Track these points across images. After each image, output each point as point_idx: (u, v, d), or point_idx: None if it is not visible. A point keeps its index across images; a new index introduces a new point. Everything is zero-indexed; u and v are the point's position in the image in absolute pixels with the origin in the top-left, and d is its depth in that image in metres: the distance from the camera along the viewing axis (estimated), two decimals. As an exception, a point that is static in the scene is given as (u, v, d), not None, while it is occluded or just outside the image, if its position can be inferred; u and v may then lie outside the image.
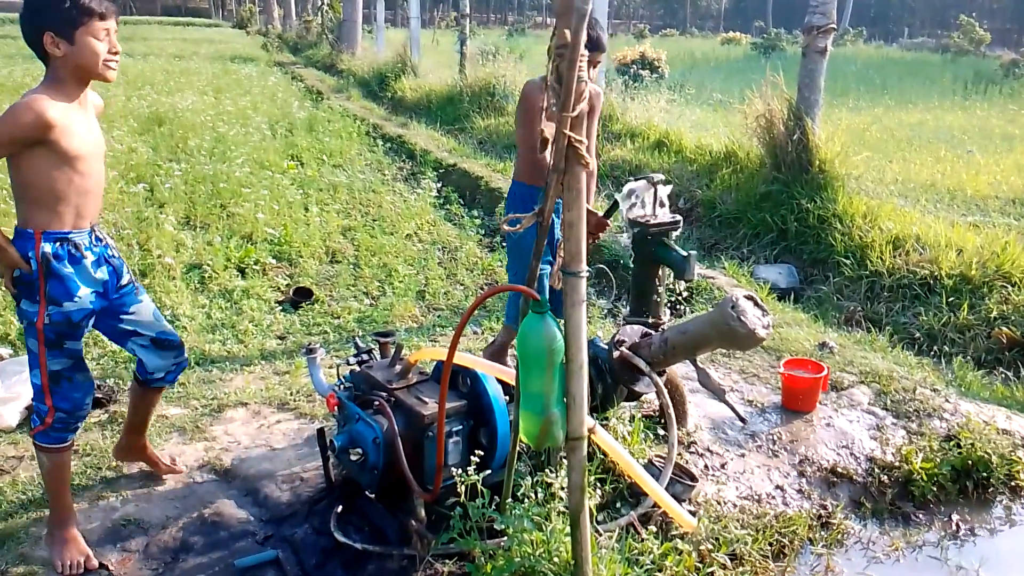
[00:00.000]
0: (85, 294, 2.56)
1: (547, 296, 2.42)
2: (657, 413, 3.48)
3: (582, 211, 1.85)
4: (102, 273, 2.64)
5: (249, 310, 4.99)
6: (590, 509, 2.26)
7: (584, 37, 1.70)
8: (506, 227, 1.86)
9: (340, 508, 2.87)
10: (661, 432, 3.33)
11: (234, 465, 3.31)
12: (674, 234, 3.24)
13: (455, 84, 12.04)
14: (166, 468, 3.20)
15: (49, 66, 2.45)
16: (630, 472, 2.38)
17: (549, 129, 1.80)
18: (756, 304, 2.62)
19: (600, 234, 3.61)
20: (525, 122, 3.48)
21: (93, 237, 2.60)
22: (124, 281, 2.76)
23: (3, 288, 4.86)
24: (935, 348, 4.73)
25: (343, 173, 8.12)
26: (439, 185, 7.85)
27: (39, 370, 2.59)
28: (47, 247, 2.46)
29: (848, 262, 5.53)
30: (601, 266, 3.66)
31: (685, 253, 3.09)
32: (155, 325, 2.85)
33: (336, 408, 2.87)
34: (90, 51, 2.41)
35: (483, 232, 6.82)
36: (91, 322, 2.66)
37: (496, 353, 4.03)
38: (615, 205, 3.30)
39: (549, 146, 1.82)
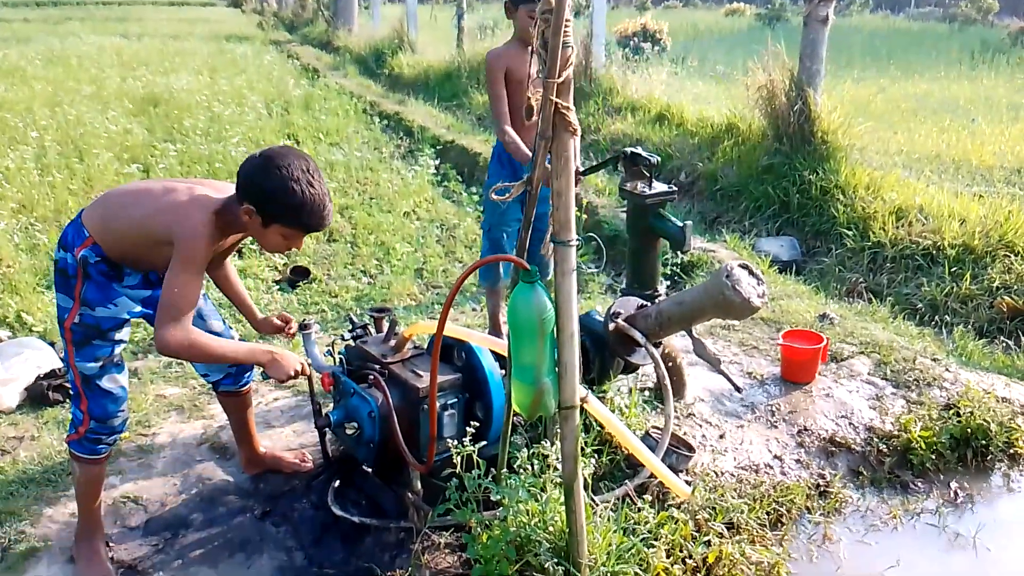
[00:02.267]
0: (123, 304, 2.51)
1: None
2: (655, 386, 3.48)
3: (571, 179, 1.83)
4: (142, 291, 2.57)
5: (247, 289, 4.97)
6: (585, 479, 2.26)
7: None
8: (494, 196, 1.84)
9: (337, 483, 2.88)
10: (659, 405, 3.32)
11: (231, 442, 3.31)
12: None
13: (453, 60, 11.94)
14: (291, 465, 3.10)
15: (233, 202, 2.34)
16: (623, 441, 2.37)
17: (536, 96, 1.77)
18: (751, 273, 2.60)
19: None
20: (488, 90, 3.73)
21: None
22: None
23: (4, 269, 4.88)
24: (937, 318, 4.70)
25: (340, 151, 8.08)
26: (437, 162, 7.80)
27: (71, 371, 2.53)
28: (89, 254, 2.39)
29: (850, 234, 5.49)
30: (591, 235, 3.63)
31: (681, 223, 3.06)
32: (204, 325, 2.72)
33: (331, 386, 2.86)
34: (275, 242, 2.39)
35: (481, 209, 6.78)
36: (126, 330, 2.59)
37: (494, 320, 4.06)
38: (598, 167, 3.27)
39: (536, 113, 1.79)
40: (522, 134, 3.60)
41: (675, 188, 3.21)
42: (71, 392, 2.60)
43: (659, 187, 3.13)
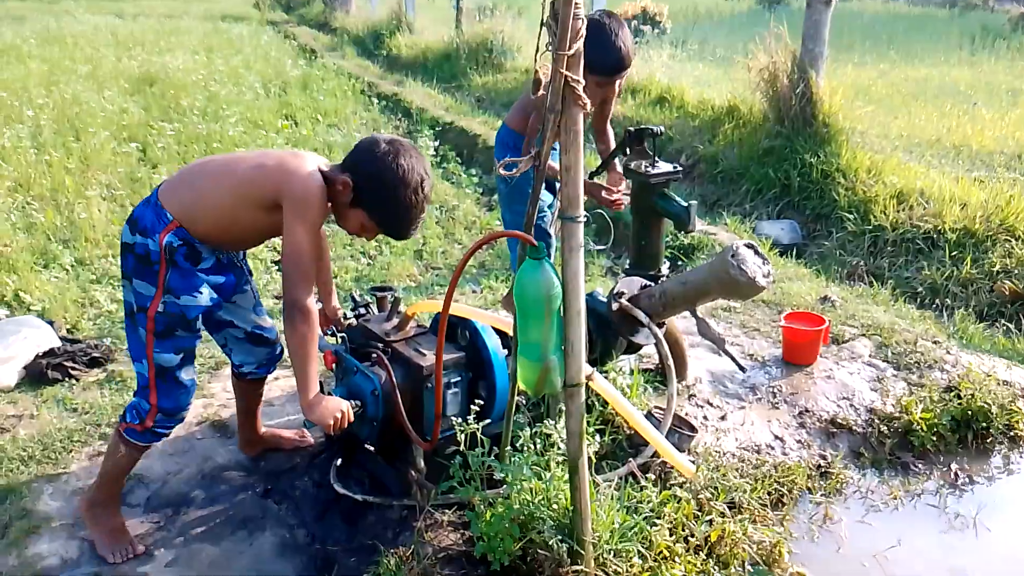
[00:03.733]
0: (206, 292, 2.42)
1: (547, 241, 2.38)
2: (657, 367, 3.47)
3: (579, 153, 1.81)
4: (217, 277, 2.50)
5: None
6: (589, 457, 2.26)
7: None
8: (502, 171, 1.82)
9: (340, 461, 2.87)
10: (661, 386, 3.32)
11: (233, 421, 3.31)
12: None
13: (451, 40, 11.85)
14: (292, 442, 3.09)
15: (332, 175, 2.30)
16: (628, 419, 2.37)
17: (543, 69, 1.74)
18: (756, 253, 2.58)
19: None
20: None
21: (216, 251, 2.49)
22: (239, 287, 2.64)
23: (1, 248, 4.86)
24: (937, 302, 4.70)
25: (338, 132, 8.03)
26: (436, 143, 7.75)
27: (146, 361, 2.40)
28: (172, 239, 2.30)
29: (851, 217, 5.48)
30: (599, 211, 3.61)
31: (686, 203, 3.04)
32: (252, 319, 2.71)
33: (334, 364, 2.85)
34: (352, 224, 2.40)
35: (481, 191, 6.76)
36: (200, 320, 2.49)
37: (509, 301, 4.03)
38: (606, 163, 3.25)
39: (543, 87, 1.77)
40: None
41: (680, 167, 3.19)
42: (138, 382, 2.46)
43: (664, 166, 3.11)
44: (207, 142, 6.99)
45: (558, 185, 1.93)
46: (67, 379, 3.67)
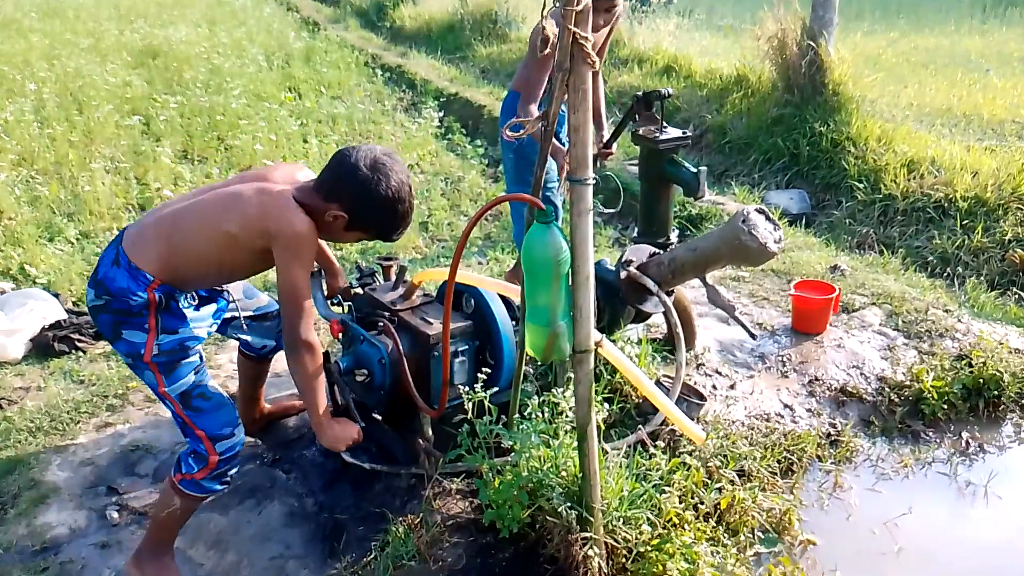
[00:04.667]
0: (203, 325, 2.42)
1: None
2: (665, 336, 3.45)
3: (588, 113, 1.77)
4: (209, 307, 2.51)
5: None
6: (598, 425, 2.24)
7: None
8: (508, 132, 1.78)
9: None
10: (669, 355, 3.30)
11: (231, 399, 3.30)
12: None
13: (456, 11, 11.69)
14: (296, 407, 3.11)
15: (313, 196, 2.23)
16: (637, 385, 2.34)
17: (551, 27, 1.70)
18: (768, 219, 2.55)
19: (604, 161, 3.51)
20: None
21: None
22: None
23: (6, 221, 4.84)
24: (948, 271, 4.66)
25: (342, 104, 7.96)
26: (440, 115, 7.68)
27: (168, 403, 2.29)
28: (159, 295, 2.24)
29: (861, 186, 5.42)
30: (609, 173, 3.57)
31: (695, 169, 3.00)
32: (249, 304, 2.68)
33: (340, 334, 2.83)
34: (348, 240, 2.36)
35: (486, 162, 6.70)
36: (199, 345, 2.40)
37: (515, 274, 4.00)
38: (619, 131, 3.20)
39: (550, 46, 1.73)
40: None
41: (689, 133, 3.14)
42: (180, 428, 2.34)
43: (672, 132, 3.06)
44: (210, 115, 6.93)
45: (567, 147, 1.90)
46: (74, 351, 3.67)
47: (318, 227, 2.23)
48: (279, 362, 3.49)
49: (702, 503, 2.51)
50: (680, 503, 2.42)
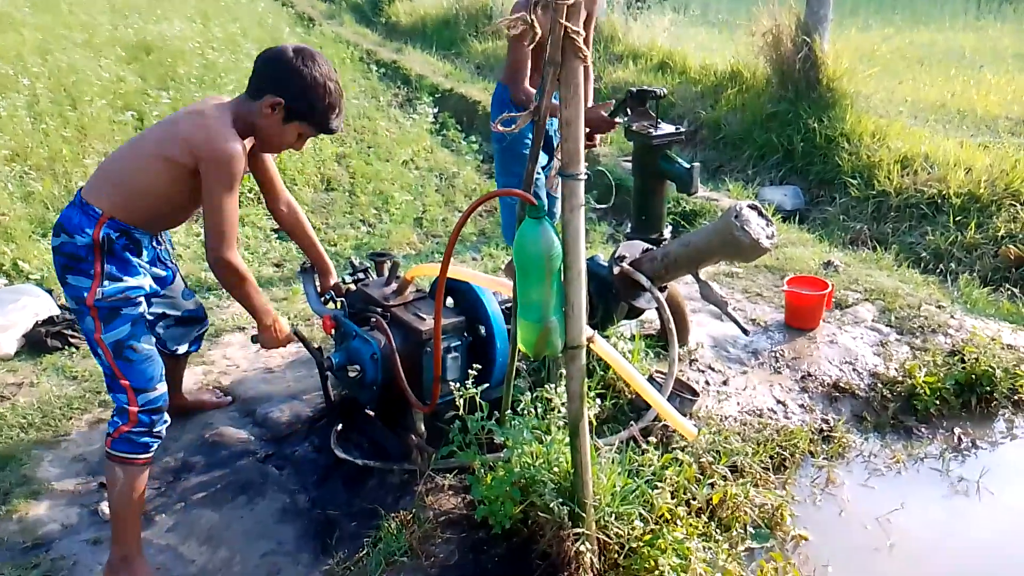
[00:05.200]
0: (147, 279, 2.41)
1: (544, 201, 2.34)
2: (659, 332, 3.45)
3: (580, 108, 1.76)
4: (157, 270, 2.52)
5: (245, 238, 4.92)
6: (590, 420, 2.24)
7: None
8: (499, 127, 1.77)
9: (340, 426, 2.86)
10: (662, 351, 3.30)
11: (233, 387, 3.30)
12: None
13: (451, 7, 11.66)
14: (214, 404, 3.15)
15: (247, 104, 2.31)
16: (630, 381, 2.35)
17: (540, 21, 1.69)
18: (760, 214, 2.55)
19: (606, 133, 3.49)
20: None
21: (153, 240, 2.47)
22: (175, 280, 2.66)
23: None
24: (941, 267, 4.66)
25: (338, 100, 7.92)
26: (435, 111, 7.67)
27: (100, 348, 2.29)
28: (108, 231, 2.27)
29: (855, 182, 5.42)
30: (601, 168, 3.56)
31: (688, 165, 2.99)
32: (183, 304, 2.73)
33: (333, 329, 2.83)
34: (287, 138, 2.38)
35: (481, 158, 6.69)
36: (149, 307, 2.44)
37: (511, 270, 4.01)
38: (622, 104, 3.18)
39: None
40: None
41: (682, 128, 3.14)
42: (107, 382, 2.36)
43: (666, 127, 3.06)
44: (204, 110, 6.91)
45: (556, 142, 1.89)
46: (66, 347, 3.65)
47: (258, 134, 2.35)
48: (272, 357, 3.51)
49: (694, 499, 2.51)
50: (672, 499, 2.42)
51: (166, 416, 2.41)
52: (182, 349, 2.84)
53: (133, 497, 2.34)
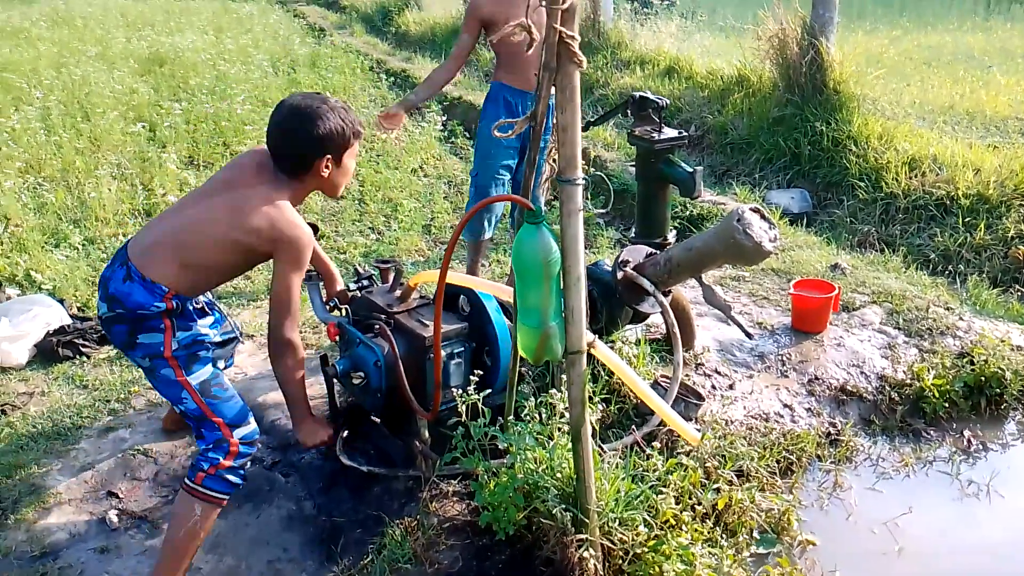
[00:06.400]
0: (209, 327, 2.49)
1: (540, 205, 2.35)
2: (664, 336, 3.44)
3: (576, 113, 1.77)
4: (210, 315, 2.58)
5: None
6: (593, 427, 2.24)
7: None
8: (496, 132, 1.79)
9: (345, 433, 2.87)
10: (668, 355, 3.29)
11: (241, 394, 3.31)
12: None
13: (459, 16, 11.72)
14: None
15: (298, 179, 2.41)
16: (631, 386, 2.35)
17: (537, 24, 1.70)
18: (763, 217, 2.55)
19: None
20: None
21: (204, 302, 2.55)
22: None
23: (12, 228, 4.87)
24: (950, 269, 4.63)
25: (347, 109, 7.98)
26: (444, 119, 7.70)
27: (186, 392, 2.33)
28: (176, 302, 2.34)
29: (863, 184, 5.40)
30: (598, 173, 3.58)
31: (691, 169, 3.00)
32: (220, 330, 2.72)
33: (337, 336, 2.85)
34: (348, 171, 2.51)
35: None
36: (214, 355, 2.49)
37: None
38: (601, 119, 3.20)
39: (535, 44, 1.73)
40: (520, 70, 3.64)
41: (685, 133, 3.14)
42: (195, 424, 2.38)
43: (669, 132, 3.06)
44: (215, 121, 6.97)
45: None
46: (78, 356, 3.69)
47: (324, 188, 2.48)
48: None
49: (700, 504, 2.50)
50: (677, 504, 2.41)
51: (255, 451, 2.47)
52: (221, 365, 2.85)
53: (201, 535, 2.36)
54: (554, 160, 1.78)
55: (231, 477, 2.35)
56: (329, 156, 2.39)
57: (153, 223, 2.51)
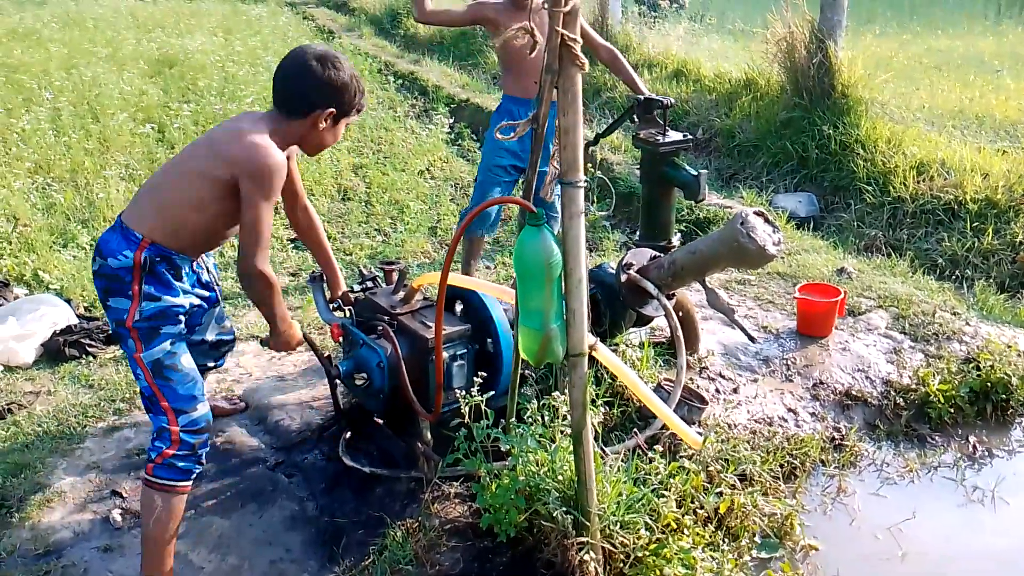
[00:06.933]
0: (186, 298, 2.41)
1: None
2: (669, 339, 3.44)
3: (578, 116, 1.77)
4: (200, 291, 2.52)
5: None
6: (596, 430, 2.24)
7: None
8: (499, 135, 1.79)
9: (349, 434, 2.88)
10: (672, 359, 3.29)
11: (246, 395, 3.33)
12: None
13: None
14: (230, 410, 3.19)
15: (288, 121, 2.35)
16: (633, 388, 2.35)
17: (540, 28, 1.71)
18: (767, 221, 2.54)
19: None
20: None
21: (194, 263, 2.49)
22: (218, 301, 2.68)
23: (21, 228, 4.91)
24: (957, 273, 4.61)
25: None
26: (451, 121, 7.71)
27: (139, 369, 2.29)
28: (149, 255, 2.29)
29: (870, 189, 5.38)
30: (601, 176, 3.58)
31: (696, 172, 2.99)
32: (217, 328, 2.76)
33: (341, 337, 2.86)
34: (337, 135, 2.44)
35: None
36: (184, 327, 2.42)
37: (465, 270, 4.13)
38: (610, 129, 3.21)
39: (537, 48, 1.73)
40: (523, 79, 3.65)
41: (690, 136, 3.14)
42: (146, 404, 2.35)
43: (673, 135, 3.06)
44: (223, 122, 7.00)
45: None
46: (84, 356, 3.71)
47: (307, 143, 2.40)
48: (284, 365, 3.54)
49: (701, 507, 2.49)
50: (678, 507, 2.41)
51: (209, 438, 2.40)
52: (211, 364, 2.87)
53: (171, 527, 2.32)
54: (558, 162, 1.77)
55: (181, 464, 2.30)
56: (332, 111, 2.33)
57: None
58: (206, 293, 2.55)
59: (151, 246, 2.29)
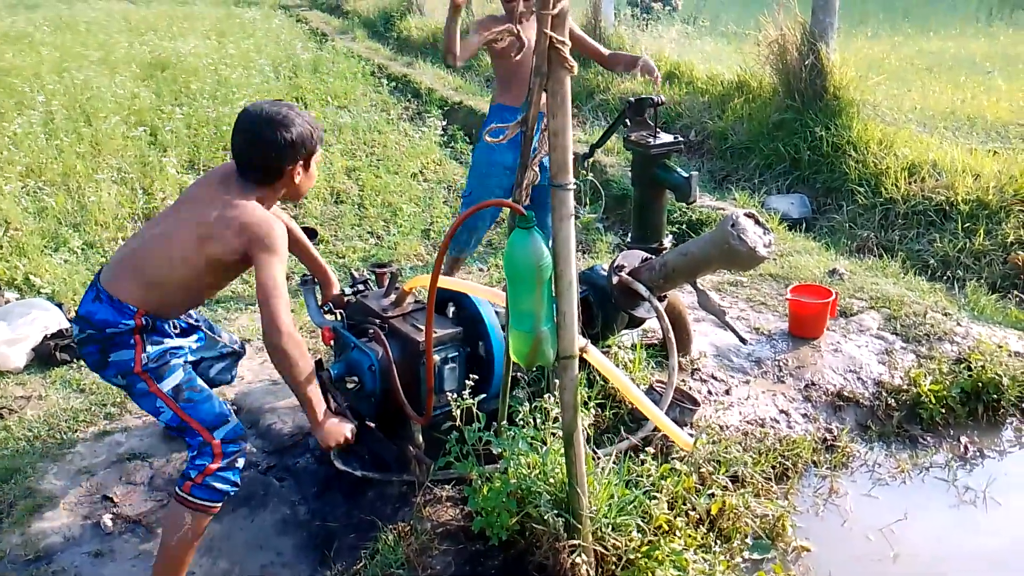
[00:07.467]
0: (182, 339, 2.49)
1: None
2: (661, 341, 3.44)
3: (567, 118, 1.77)
4: (194, 335, 2.59)
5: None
6: (587, 432, 2.24)
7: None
8: (488, 138, 1.79)
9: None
10: (664, 361, 3.29)
11: (237, 399, 3.33)
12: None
13: (462, 21, 11.74)
14: None
15: (267, 187, 2.36)
16: (623, 390, 2.35)
17: (528, 32, 1.71)
18: (757, 223, 2.55)
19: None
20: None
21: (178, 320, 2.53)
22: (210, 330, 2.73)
23: (12, 232, 4.89)
24: (949, 274, 4.62)
25: (347, 114, 8.00)
26: (444, 123, 7.71)
27: (163, 402, 2.33)
28: (146, 320, 2.34)
29: (862, 190, 5.39)
30: (590, 177, 3.58)
31: (687, 174, 3.00)
32: (218, 344, 2.78)
33: (332, 340, 2.86)
34: (313, 177, 2.46)
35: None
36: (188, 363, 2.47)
37: None
38: (606, 136, 3.22)
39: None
40: (516, 89, 3.69)
41: (681, 138, 3.14)
42: (176, 433, 2.41)
43: (665, 137, 3.06)
44: (216, 125, 6.98)
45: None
46: (75, 360, 3.70)
47: (292, 194, 2.43)
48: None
49: (693, 509, 2.50)
50: (670, 509, 2.41)
51: (244, 447, 2.42)
52: (229, 380, 2.91)
53: (194, 544, 2.34)
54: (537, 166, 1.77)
55: (219, 485, 2.32)
56: (300, 162, 2.36)
57: (124, 243, 2.52)
58: (194, 336, 2.60)
59: (145, 315, 2.33)
